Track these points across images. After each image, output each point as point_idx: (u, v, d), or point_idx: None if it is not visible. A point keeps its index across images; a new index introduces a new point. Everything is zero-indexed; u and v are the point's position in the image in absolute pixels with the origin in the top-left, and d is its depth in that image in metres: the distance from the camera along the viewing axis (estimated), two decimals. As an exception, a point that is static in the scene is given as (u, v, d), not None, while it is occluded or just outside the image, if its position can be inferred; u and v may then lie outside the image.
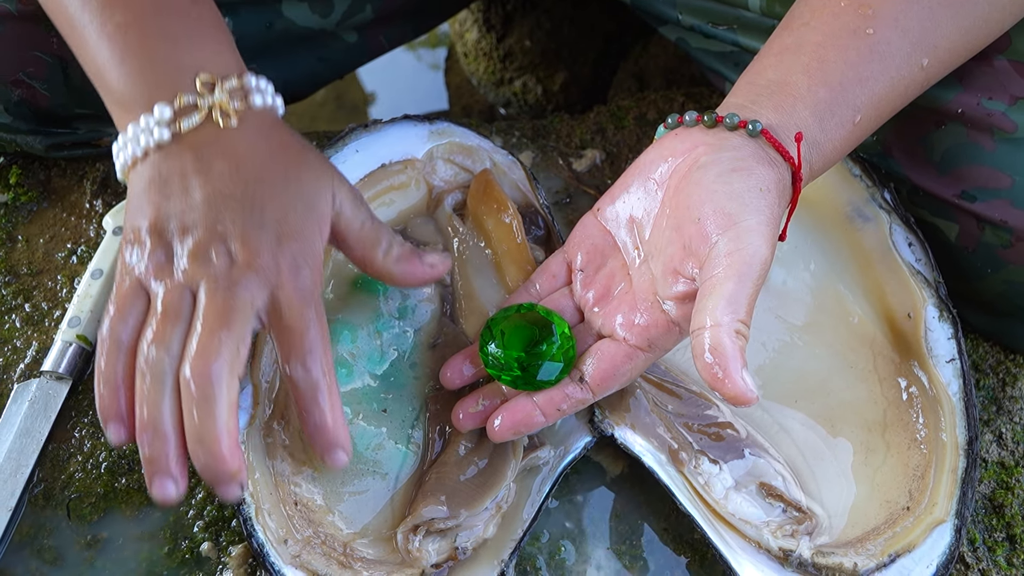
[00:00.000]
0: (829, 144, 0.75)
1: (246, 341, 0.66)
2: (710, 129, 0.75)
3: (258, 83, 0.72)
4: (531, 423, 0.76)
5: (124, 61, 0.70)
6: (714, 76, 1.01)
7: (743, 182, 0.71)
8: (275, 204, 0.69)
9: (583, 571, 0.78)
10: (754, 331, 0.71)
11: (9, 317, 0.89)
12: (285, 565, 0.72)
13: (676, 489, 0.77)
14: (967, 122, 0.83)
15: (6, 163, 0.97)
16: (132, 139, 0.70)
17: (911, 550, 0.76)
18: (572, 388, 0.76)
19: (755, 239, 0.69)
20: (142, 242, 0.68)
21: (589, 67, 1.40)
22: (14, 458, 0.80)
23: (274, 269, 0.67)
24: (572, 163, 0.99)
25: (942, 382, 0.81)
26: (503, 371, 0.76)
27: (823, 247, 0.88)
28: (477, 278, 0.85)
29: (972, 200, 0.83)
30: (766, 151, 0.73)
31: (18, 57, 0.87)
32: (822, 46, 0.76)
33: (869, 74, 0.75)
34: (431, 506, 0.75)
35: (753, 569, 0.75)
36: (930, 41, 0.77)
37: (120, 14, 0.70)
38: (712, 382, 0.65)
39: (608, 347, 0.76)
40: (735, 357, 0.64)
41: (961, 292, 0.87)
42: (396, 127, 0.89)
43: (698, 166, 0.73)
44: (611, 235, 0.79)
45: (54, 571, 0.77)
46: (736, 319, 0.66)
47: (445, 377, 0.79)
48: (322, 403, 0.67)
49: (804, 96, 0.74)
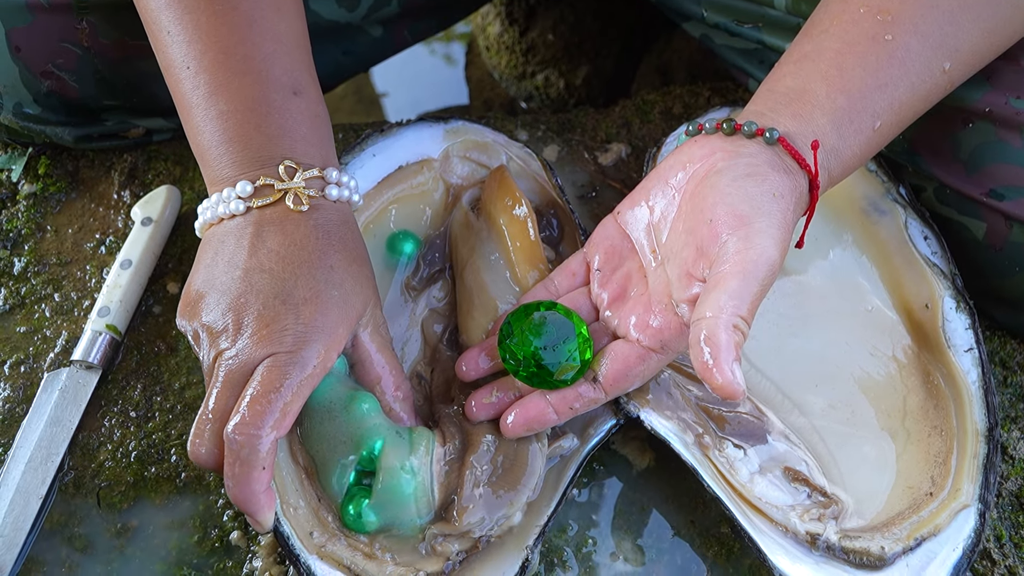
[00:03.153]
0: (848, 151, 0.76)
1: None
2: (729, 136, 0.76)
3: (339, 177, 0.77)
4: (544, 421, 0.76)
5: (221, 144, 0.76)
6: (738, 72, 1.01)
7: (757, 187, 0.72)
8: (308, 285, 0.72)
9: (610, 564, 0.79)
10: (773, 318, 0.72)
11: (39, 307, 0.89)
12: (311, 556, 0.73)
13: (703, 471, 0.77)
14: (995, 120, 0.83)
15: (35, 154, 0.97)
16: (213, 205, 0.76)
17: (936, 534, 0.77)
18: (586, 388, 0.76)
19: (764, 240, 0.70)
20: (187, 305, 0.75)
21: (612, 61, 1.40)
22: (44, 446, 0.81)
23: (278, 336, 0.70)
24: (597, 157, 1.00)
25: (961, 371, 0.82)
26: (520, 367, 0.77)
27: (840, 239, 0.89)
28: (488, 273, 0.85)
29: (1000, 198, 0.83)
30: (783, 159, 0.74)
31: (48, 48, 0.88)
32: (841, 53, 0.76)
33: (888, 80, 0.76)
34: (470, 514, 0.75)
35: (782, 553, 0.75)
36: (951, 44, 0.77)
37: (224, 102, 0.76)
38: (701, 371, 0.65)
39: (622, 348, 0.77)
40: (728, 349, 0.65)
41: (988, 290, 0.87)
42: (412, 129, 0.90)
43: (714, 171, 0.74)
44: (629, 238, 0.80)
45: (85, 559, 0.78)
46: (736, 314, 0.66)
47: (460, 369, 0.80)
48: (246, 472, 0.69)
49: (823, 103, 0.75)
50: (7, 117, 0.91)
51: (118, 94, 0.92)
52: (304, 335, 0.70)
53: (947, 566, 0.76)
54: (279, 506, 0.73)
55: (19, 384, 0.85)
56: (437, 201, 0.90)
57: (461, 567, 0.74)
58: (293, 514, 0.74)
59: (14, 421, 0.83)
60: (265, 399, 0.68)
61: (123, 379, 0.85)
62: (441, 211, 0.89)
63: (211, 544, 0.79)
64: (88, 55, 0.89)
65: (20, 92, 0.89)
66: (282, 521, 0.73)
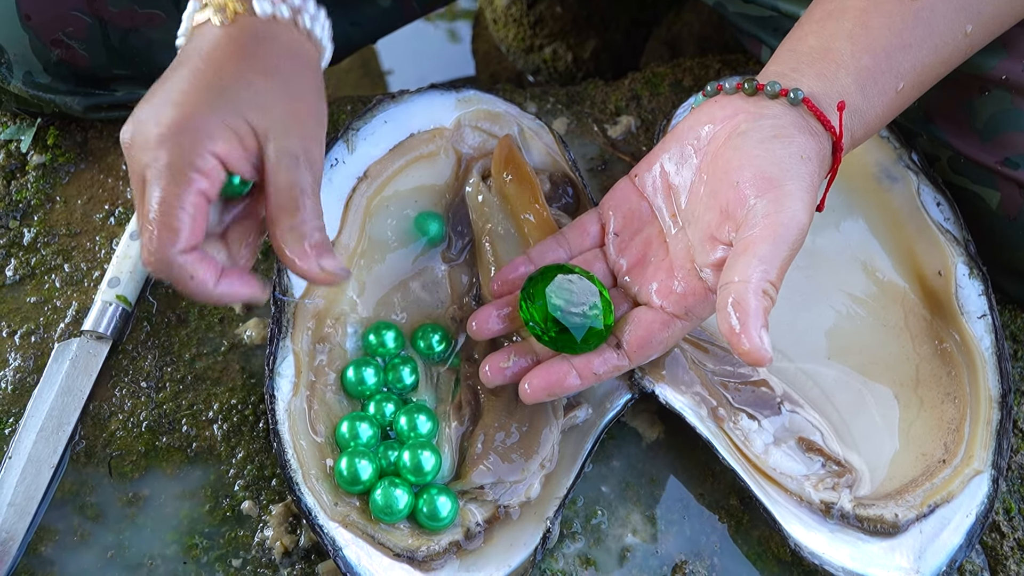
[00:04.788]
0: (872, 112, 0.75)
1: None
2: (751, 97, 0.74)
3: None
4: (565, 385, 0.75)
5: None
6: (751, 41, 1.00)
7: (784, 148, 0.71)
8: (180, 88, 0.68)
9: (619, 535, 0.79)
10: (786, 289, 0.71)
11: (49, 277, 0.89)
12: (334, 526, 0.73)
13: (718, 443, 0.77)
14: (1011, 88, 0.82)
15: (43, 124, 0.97)
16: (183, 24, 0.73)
17: (950, 500, 0.77)
18: (609, 354, 0.76)
19: (795, 203, 0.69)
20: None
21: (621, 34, 1.39)
22: (56, 416, 0.81)
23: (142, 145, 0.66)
24: (607, 130, 0.99)
25: (974, 337, 0.82)
26: (544, 331, 0.76)
27: (852, 207, 0.89)
28: (503, 243, 0.85)
29: (1015, 167, 0.82)
30: (807, 120, 0.72)
31: (58, 16, 0.87)
32: (866, 11, 0.75)
33: (913, 40, 0.75)
34: (480, 472, 0.76)
35: (797, 522, 0.76)
36: (974, 7, 0.76)
37: None
38: (729, 335, 0.64)
39: (645, 315, 0.76)
40: (757, 314, 0.64)
41: (1001, 261, 0.87)
42: (423, 97, 0.89)
43: (738, 132, 0.73)
44: (647, 201, 0.79)
45: (96, 527, 0.78)
46: (765, 279, 0.65)
47: (472, 328, 0.79)
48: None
49: (847, 63, 0.74)
50: (17, 86, 0.91)
51: (128, 63, 0.91)
52: (164, 137, 0.66)
53: (960, 532, 0.76)
54: (301, 479, 0.74)
55: (30, 354, 0.85)
56: (448, 171, 0.89)
57: (482, 537, 0.75)
58: (315, 486, 0.75)
59: (25, 391, 0.83)
60: (153, 224, 0.65)
61: (133, 349, 0.85)
62: (452, 181, 0.89)
63: (222, 513, 0.79)
64: (98, 24, 0.88)
65: (30, 61, 0.89)
66: (305, 493, 0.74)
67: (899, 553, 0.76)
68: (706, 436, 0.78)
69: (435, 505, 0.74)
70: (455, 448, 0.79)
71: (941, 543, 0.76)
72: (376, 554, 0.73)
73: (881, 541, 0.76)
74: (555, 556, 0.77)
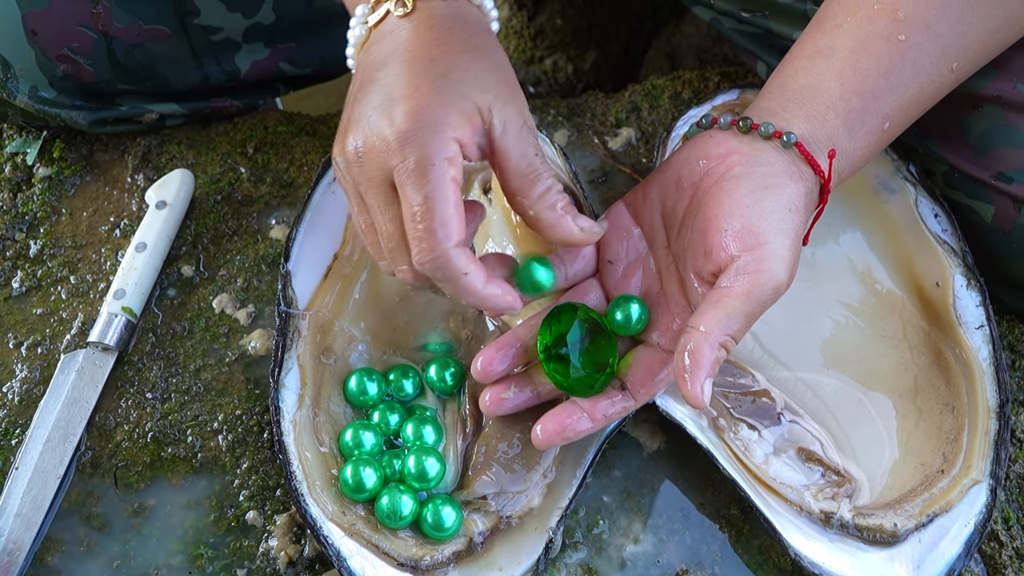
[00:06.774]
0: (858, 152, 0.76)
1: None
2: (745, 135, 0.75)
3: None
4: (578, 430, 0.76)
5: None
6: (747, 56, 1.01)
7: (774, 201, 0.72)
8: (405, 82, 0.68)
9: (620, 544, 0.79)
10: (785, 300, 0.73)
11: (55, 289, 0.90)
12: (339, 536, 0.74)
13: (718, 454, 0.78)
14: (1004, 104, 0.83)
15: (49, 137, 0.98)
16: (352, 37, 0.75)
17: (948, 510, 0.78)
18: (615, 395, 0.77)
19: (776, 264, 0.71)
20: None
21: (620, 46, 1.41)
22: (62, 426, 0.82)
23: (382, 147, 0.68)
24: (607, 141, 1.00)
25: (972, 348, 0.83)
26: (567, 378, 0.76)
27: (851, 219, 0.90)
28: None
29: (1009, 181, 0.83)
30: (798, 165, 0.74)
31: (64, 32, 0.88)
32: (855, 52, 0.76)
33: (900, 81, 0.76)
34: (483, 482, 0.77)
35: (797, 532, 0.76)
36: (960, 44, 0.77)
37: None
38: (677, 375, 0.70)
39: (645, 354, 0.77)
40: (706, 367, 0.69)
41: (997, 274, 0.88)
42: None
43: (731, 175, 0.74)
44: (642, 232, 0.80)
45: (102, 537, 0.79)
46: (725, 333, 0.69)
47: (476, 369, 0.78)
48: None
49: (835, 105, 0.75)
50: (23, 100, 0.91)
51: (133, 79, 0.92)
52: (406, 134, 0.66)
53: (959, 541, 0.77)
54: (306, 490, 0.74)
55: (36, 365, 0.86)
56: None
57: (485, 547, 0.76)
58: (320, 496, 0.75)
59: (32, 402, 0.84)
60: (422, 221, 0.66)
61: (139, 361, 0.86)
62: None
63: (227, 523, 0.80)
64: (103, 39, 0.89)
65: (36, 75, 0.90)
66: (309, 503, 0.74)
67: (898, 562, 0.76)
68: (706, 446, 0.78)
69: (440, 515, 0.75)
70: (459, 458, 0.80)
71: (940, 552, 0.77)
72: (380, 564, 0.73)
73: (880, 550, 0.77)
74: (557, 566, 0.78)
